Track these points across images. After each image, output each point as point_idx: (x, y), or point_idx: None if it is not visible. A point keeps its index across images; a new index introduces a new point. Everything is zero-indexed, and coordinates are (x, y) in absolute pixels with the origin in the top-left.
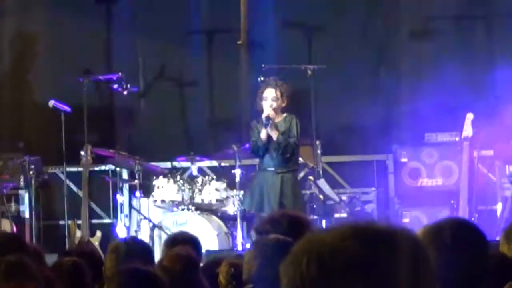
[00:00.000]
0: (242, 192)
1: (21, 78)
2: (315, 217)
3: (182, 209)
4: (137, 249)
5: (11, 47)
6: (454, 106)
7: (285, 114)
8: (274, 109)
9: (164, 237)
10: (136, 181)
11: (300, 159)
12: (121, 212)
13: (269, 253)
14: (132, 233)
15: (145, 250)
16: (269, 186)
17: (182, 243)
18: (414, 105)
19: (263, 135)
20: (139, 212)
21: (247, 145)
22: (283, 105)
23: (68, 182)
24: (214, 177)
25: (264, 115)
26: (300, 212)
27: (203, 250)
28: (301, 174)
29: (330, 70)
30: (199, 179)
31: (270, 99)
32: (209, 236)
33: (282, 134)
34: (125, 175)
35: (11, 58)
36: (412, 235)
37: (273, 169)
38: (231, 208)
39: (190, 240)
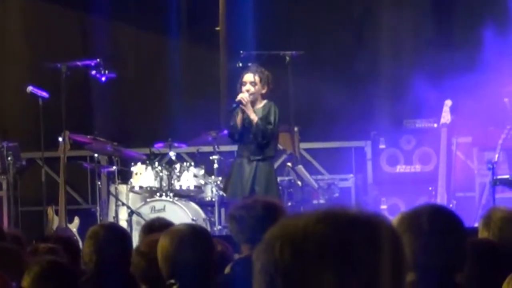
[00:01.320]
0: (220, 178)
1: None
2: (293, 203)
3: (160, 195)
4: (115, 235)
5: None
6: (433, 92)
7: (264, 101)
8: (253, 94)
9: (142, 223)
10: (114, 167)
11: (279, 145)
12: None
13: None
14: (110, 219)
15: (124, 236)
16: (243, 172)
17: (159, 229)
18: (393, 91)
19: (238, 119)
20: (117, 198)
21: (225, 131)
22: (263, 91)
23: (46, 168)
24: (192, 163)
25: (236, 99)
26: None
27: None
28: (279, 160)
29: (308, 57)
30: (177, 165)
31: (248, 84)
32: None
33: (260, 121)
34: (103, 161)
35: None
36: (385, 221)
37: (248, 155)
38: (209, 195)
39: (167, 226)
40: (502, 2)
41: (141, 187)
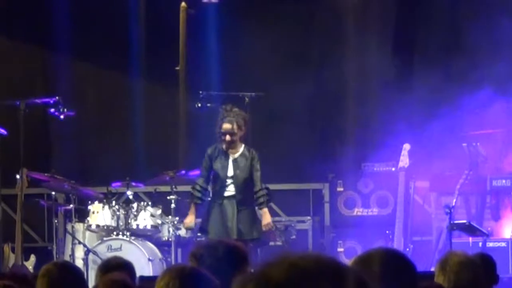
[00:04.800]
0: (177, 218)
1: None
2: (250, 245)
3: (117, 235)
4: (69, 273)
5: None
6: (391, 136)
7: (243, 147)
8: (233, 141)
9: (98, 262)
10: (71, 205)
11: None
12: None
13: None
14: (67, 258)
15: (78, 275)
16: (225, 213)
17: (116, 268)
18: (351, 134)
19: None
20: (73, 236)
21: (183, 171)
22: (241, 134)
23: (3, 205)
24: (150, 203)
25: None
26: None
27: (137, 276)
28: None
29: (268, 98)
30: (135, 205)
31: (228, 135)
32: (143, 262)
33: (241, 172)
34: (60, 199)
35: None
36: (352, 270)
37: (232, 197)
38: (166, 234)
39: (124, 265)
40: (462, 47)
41: (98, 226)
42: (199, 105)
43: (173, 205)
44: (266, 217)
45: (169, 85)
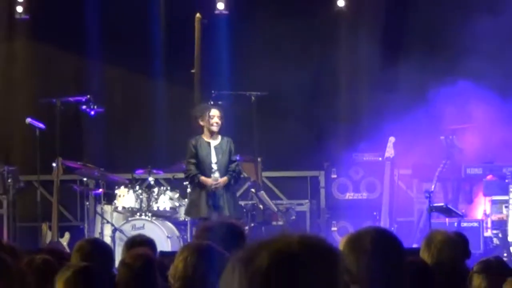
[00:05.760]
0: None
1: (2, 98)
2: (256, 224)
3: (140, 215)
4: (99, 249)
5: None
6: (378, 130)
7: (220, 136)
8: (219, 126)
9: (124, 239)
10: (101, 190)
11: (244, 173)
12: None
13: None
14: (96, 235)
15: (106, 250)
16: (218, 194)
17: (140, 244)
18: (344, 128)
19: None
20: (102, 217)
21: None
22: (223, 123)
23: (41, 189)
24: (168, 187)
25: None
26: (238, 220)
27: (158, 251)
28: (244, 187)
29: (271, 97)
30: (155, 189)
31: (216, 117)
32: (163, 239)
33: (222, 156)
34: (91, 184)
35: None
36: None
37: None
38: (183, 215)
39: (146, 241)
40: (442, 47)
41: (123, 208)
42: (212, 102)
43: (188, 190)
44: (220, 180)
45: (186, 85)
